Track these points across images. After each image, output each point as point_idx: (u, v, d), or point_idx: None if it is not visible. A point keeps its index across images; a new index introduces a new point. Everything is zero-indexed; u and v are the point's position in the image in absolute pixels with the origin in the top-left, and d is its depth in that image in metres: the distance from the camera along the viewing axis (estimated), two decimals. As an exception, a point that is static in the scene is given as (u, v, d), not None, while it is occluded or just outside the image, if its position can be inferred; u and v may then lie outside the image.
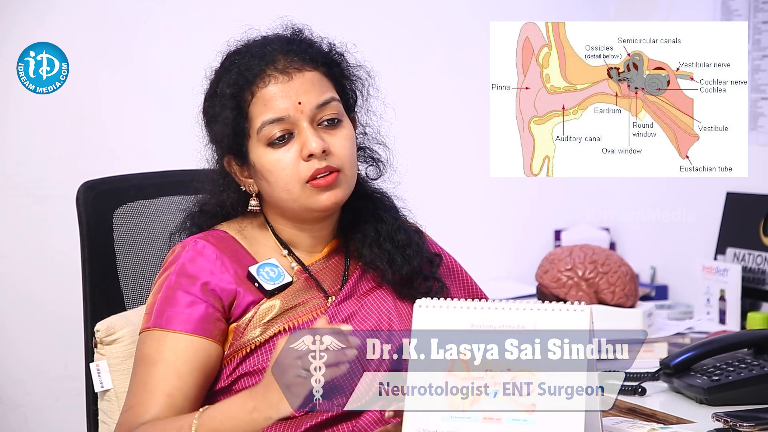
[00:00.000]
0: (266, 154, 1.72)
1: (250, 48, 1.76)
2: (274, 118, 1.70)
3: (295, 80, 1.71)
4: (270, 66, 1.72)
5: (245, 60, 1.74)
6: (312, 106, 1.71)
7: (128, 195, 2.03)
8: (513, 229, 3.46)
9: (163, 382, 1.65)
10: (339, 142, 1.73)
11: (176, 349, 1.66)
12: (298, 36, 1.78)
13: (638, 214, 3.33)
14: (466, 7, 3.34)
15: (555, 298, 2.64)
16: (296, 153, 1.71)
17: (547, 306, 1.54)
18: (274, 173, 1.71)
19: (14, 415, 2.88)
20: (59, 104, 2.85)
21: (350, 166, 1.74)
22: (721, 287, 2.87)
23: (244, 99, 1.72)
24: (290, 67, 1.72)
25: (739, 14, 3.05)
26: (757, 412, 1.88)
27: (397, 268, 1.78)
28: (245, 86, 1.72)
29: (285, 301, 1.73)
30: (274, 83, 1.71)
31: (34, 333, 2.88)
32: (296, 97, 1.71)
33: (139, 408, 1.64)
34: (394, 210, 1.85)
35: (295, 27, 1.80)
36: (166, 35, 2.99)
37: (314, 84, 1.73)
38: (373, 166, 1.84)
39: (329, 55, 1.78)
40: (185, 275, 1.70)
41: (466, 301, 1.58)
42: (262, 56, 1.73)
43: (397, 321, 1.77)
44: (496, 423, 1.50)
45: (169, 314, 1.68)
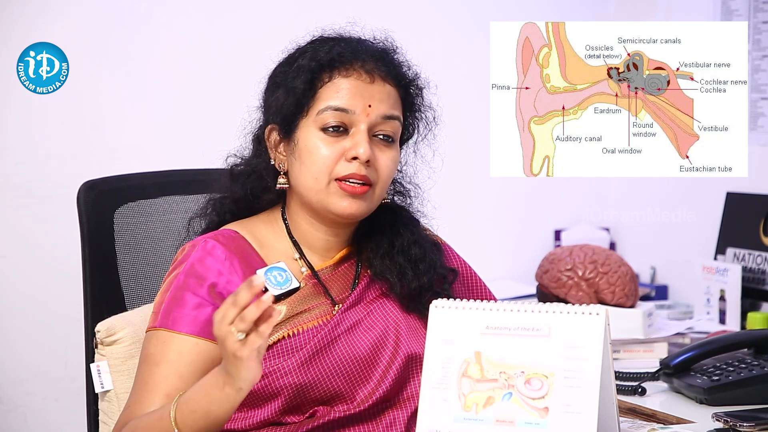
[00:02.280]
0: (314, 136, 1.71)
1: (346, 39, 1.77)
2: (339, 106, 1.71)
3: (375, 85, 1.73)
4: (358, 61, 1.73)
5: (338, 46, 1.74)
6: (378, 115, 1.72)
7: (129, 195, 2.03)
8: (513, 229, 3.46)
9: (164, 383, 1.65)
10: (384, 160, 1.73)
11: (180, 351, 1.66)
12: (394, 52, 1.79)
13: (638, 214, 3.33)
14: (466, 7, 3.34)
15: (555, 298, 2.64)
16: (341, 149, 1.71)
17: (562, 308, 1.53)
18: (312, 156, 1.71)
19: (14, 415, 2.88)
20: (59, 104, 2.85)
21: (382, 186, 1.74)
22: (721, 287, 2.87)
23: (320, 78, 1.72)
24: (376, 72, 1.73)
25: (739, 14, 3.05)
26: (757, 412, 1.88)
27: (407, 282, 1.77)
28: (327, 67, 1.72)
29: (291, 307, 1.72)
30: (356, 78, 1.72)
31: (34, 333, 2.88)
32: (369, 99, 1.72)
33: (136, 406, 1.65)
34: (413, 223, 1.84)
35: (394, 44, 1.81)
36: (166, 35, 2.99)
37: (389, 97, 1.74)
38: (400, 198, 1.85)
39: (412, 83, 1.80)
40: (194, 275, 1.69)
41: (481, 302, 1.58)
42: (355, 51, 1.74)
43: (405, 331, 1.76)
44: (509, 426, 1.50)
45: (176, 315, 1.67)
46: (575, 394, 1.49)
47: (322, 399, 1.68)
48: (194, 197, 2.05)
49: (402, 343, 1.74)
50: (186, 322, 1.67)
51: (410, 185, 1.86)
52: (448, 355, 1.56)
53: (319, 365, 1.68)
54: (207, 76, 3.03)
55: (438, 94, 1.84)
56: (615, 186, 3.47)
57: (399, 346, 1.74)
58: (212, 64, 3.03)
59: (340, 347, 1.70)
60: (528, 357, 1.52)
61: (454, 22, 3.33)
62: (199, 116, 3.02)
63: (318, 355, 1.69)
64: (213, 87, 3.03)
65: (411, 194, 1.85)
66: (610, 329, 1.52)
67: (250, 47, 3.04)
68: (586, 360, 1.50)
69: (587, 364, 1.49)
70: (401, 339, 1.74)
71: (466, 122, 3.06)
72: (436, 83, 1.84)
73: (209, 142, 2.04)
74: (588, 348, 1.50)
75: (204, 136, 2.98)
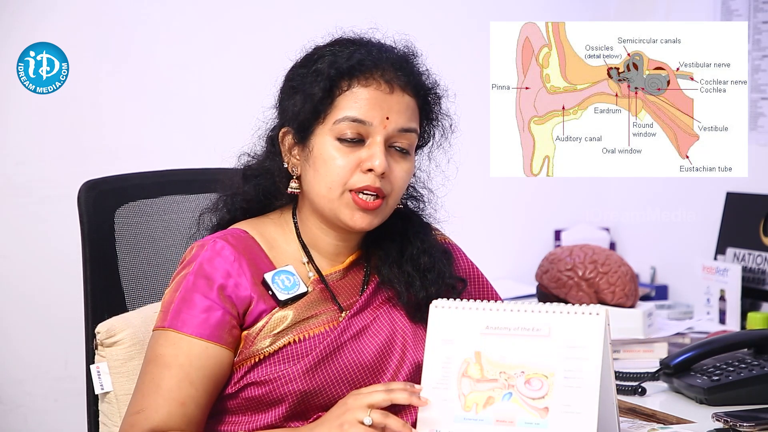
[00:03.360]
0: (329, 145, 1.69)
1: (366, 44, 1.73)
2: (357, 117, 1.68)
3: (394, 95, 1.70)
4: (378, 70, 1.69)
5: (358, 52, 1.70)
6: (396, 127, 1.70)
7: (129, 194, 2.02)
8: (513, 229, 3.46)
9: (177, 390, 1.63)
10: (399, 172, 1.71)
11: (190, 355, 1.65)
12: (414, 59, 1.76)
13: (638, 214, 3.33)
14: (467, 7, 3.34)
15: (555, 298, 2.64)
16: (357, 160, 1.68)
17: (562, 308, 1.53)
18: (327, 165, 1.69)
19: (14, 415, 2.88)
20: (59, 104, 2.85)
21: (395, 197, 1.73)
22: (721, 287, 2.87)
23: (338, 86, 1.69)
24: (395, 82, 1.70)
25: (739, 14, 3.05)
26: (757, 412, 1.88)
27: (414, 292, 1.76)
28: (346, 75, 1.69)
29: (298, 313, 1.70)
30: (375, 88, 1.69)
31: (34, 333, 2.88)
32: (387, 111, 1.69)
33: (151, 412, 1.63)
34: (424, 230, 1.82)
35: (414, 50, 1.78)
36: (165, 35, 2.99)
37: (408, 108, 1.71)
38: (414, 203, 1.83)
39: (431, 91, 1.77)
40: (203, 276, 1.68)
41: (481, 302, 1.57)
42: (376, 58, 1.70)
43: (412, 339, 1.75)
44: (509, 426, 1.50)
45: (186, 317, 1.66)
46: (575, 394, 1.49)
47: (326, 405, 1.66)
48: (194, 197, 2.05)
49: (409, 351, 1.73)
50: (195, 324, 1.66)
51: (424, 190, 1.84)
52: (448, 355, 1.56)
53: (325, 372, 1.68)
54: (207, 75, 3.03)
55: (456, 102, 1.82)
56: (615, 186, 3.47)
57: (406, 355, 1.73)
58: (212, 63, 3.03)
59: (345, 354, 1.69)
60: (528, 357, 1.52)
61: (455, 22, 3.33)
62: (200, 116, 3.02)
63: (324, 362, 1.68)
64: (213, 87, 3.04)
65: (424, 199, 1.84)
66: (610, 329, 1.52)
67: (250, 47, 3.05)
68: (586, 360, 1.50)
69: (587, 364, 1.49)
70: (408, 347, 1.74)
71: (466, 122, 3.06)
72: (455, 92, 1.82)
73: (209, 142, 2.05)
74: (588, 348, 1.50)
75: (204, 136, 2.98)
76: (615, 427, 1.56)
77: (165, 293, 1.71)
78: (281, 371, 1.66)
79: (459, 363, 1.55)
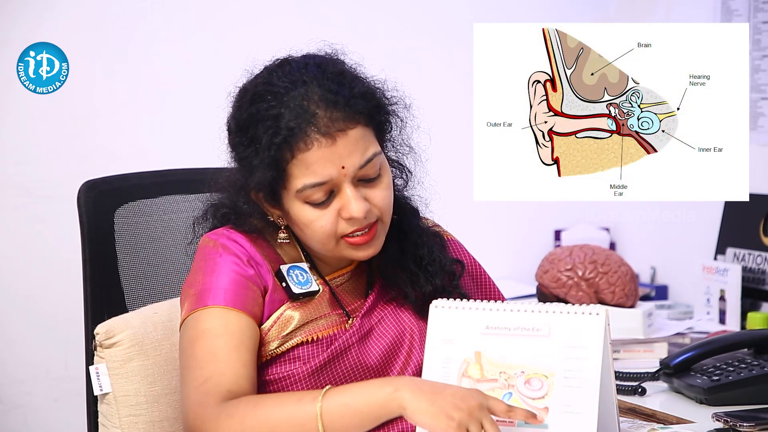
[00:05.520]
0: (304, 210, 1.66)
1: (288, 94, 1.64)
2: (316, 182, 1.63)
3: (338, 143, 1.62)
4: (311, 126, 1.61)
5: (284, 111, 1.62)
6: (355, 168, 1.63)
7: (129, 194, 2.02)
8: (513, 229, 3.46)
9: (236, 353, 1.61)
10: (379, 195, 1.67)
11: (240, 325, 1.63)
12: (339, 80, 1.66)
13: (638, 214, 3.33)
14: (467, 7, 3.34)
15: (555, 298, 2.64)
16: (335, 212, 1.65)
17: (562, 308, 1.53)
18: (310, 227, 1.66)
19: (14, 415, 2.88)
20: (59, 104, 2.85)
21: (388, 213, 1.70)
22: (721, 287, 2.87)
23: (283, 158, 1.62)
24: (333, 128, 1.61)
25: (739, 14, 3.05)
26: (757, 412, 1.88)
27: (420, 288, 1.75)
28: (284, 146, 1.62)
29: (304, 314, 1.70)
30: (317, 147, 1.61)
31: (34, 333, 2.88)
32: (340, 162, 1.62)
33: (219, 377, 1.59)
34: (416, 217, 1.80)
35: (338, 65, 1.68)
36: (165, 35, 2.99)
37: (358, 143, 1.64)
38: (401, 179, 1.79)
39: (370, 102, 1.67)
40: (232, 255, 1.67)
41: (481, 302, 1.57)
42: (302, 113, 1.62)
43: (419, 337, 1.74)
44: (509, 426, 1.50)
45: (230, 295, 1.64)
46: (575, 394, 1.49)
47: None
48: (194, 197, 2.04)
49: (414, 352, 1.73)
50: (239, 300, 1.65)
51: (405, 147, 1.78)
52: (448, 355, 1.56)
53: (331, 374, 1.68)
54: (207, 75, 3.02)
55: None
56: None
57: (411, 356, 1.73)
58: (212, 63, 3.02)
59: (351, 356, 1.69)
60: (528, 357, 1.52)
61: (454, 22, 3.32)
62: (199, 116, 3.01)
63: (330, 363, 1.68)
64: (213, 87, 3.01)
65: (409, 167, 1.79)
66: (610, 329, 1.52)
67: (250, 47, 3.04)
68: (586, 360, 1.49)
69: (587, 364, 1.49)
70: (414, 347, 1.73)
71: (466, 122, 3.06)
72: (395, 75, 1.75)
73: (209, 142, 2.04)
74: (588, 348, 1.50)
75: (204, 136, 2.97)
76: (615, 427, 1.56)
77: (192, 281, 1.69)
78: (290, 371, 1.67)
79: (459, 363, 1.55)
